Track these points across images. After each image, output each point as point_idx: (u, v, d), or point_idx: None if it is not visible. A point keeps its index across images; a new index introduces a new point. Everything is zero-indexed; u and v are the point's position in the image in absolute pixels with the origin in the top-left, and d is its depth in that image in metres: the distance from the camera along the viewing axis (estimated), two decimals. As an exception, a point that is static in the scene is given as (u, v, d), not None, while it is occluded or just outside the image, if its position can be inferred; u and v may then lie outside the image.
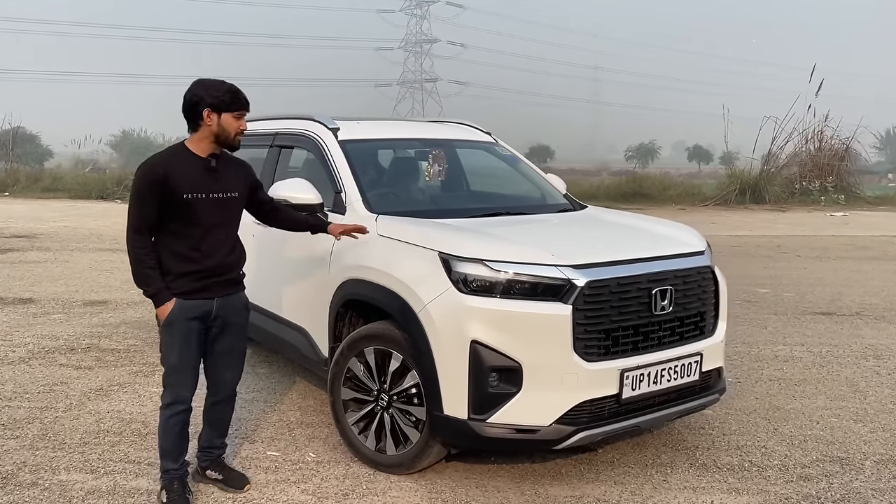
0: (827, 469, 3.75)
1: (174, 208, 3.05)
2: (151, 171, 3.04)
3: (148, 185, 3.02)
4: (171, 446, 3.24)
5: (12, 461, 3.71)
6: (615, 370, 3.30)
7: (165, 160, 3.09)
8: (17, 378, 5.00)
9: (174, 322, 3.11)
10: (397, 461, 3.57)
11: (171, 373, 3.18)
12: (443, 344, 3.26)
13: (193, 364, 3.21)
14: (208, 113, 3.08)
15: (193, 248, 3.11)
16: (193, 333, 3.16)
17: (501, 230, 3.81)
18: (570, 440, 3.25)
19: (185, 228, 3.10)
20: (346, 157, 4.24)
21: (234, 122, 3.13)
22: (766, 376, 5.24)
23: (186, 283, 3.11)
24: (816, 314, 7.23)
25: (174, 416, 3.20)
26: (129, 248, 3.07)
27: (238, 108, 3.13)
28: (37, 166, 27.56)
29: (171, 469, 3.26)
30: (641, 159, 55.04)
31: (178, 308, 3.10)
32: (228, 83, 3.16)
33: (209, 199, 3.11)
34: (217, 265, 3.18)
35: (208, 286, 3.16)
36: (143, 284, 3.10)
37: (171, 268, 3.11)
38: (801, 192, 20.06)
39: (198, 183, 3.09)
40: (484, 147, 5.19)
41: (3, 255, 10.34)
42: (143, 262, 3.06)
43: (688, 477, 3.64)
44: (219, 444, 3.50)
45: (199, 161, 3.13)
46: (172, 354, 3.16)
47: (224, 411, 3.46)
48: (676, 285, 3.53)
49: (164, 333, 3.15)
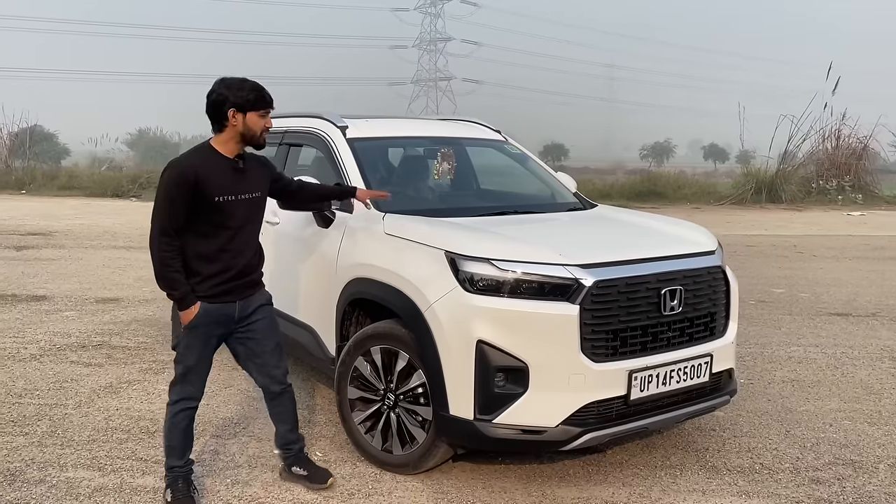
0: (839, 472, 3.69)
1: (205, 211, 3.04)
2: (183, 173, 3.00)
3: (178, 187, 2.99)
4: (177, 443, 3.24)
5: (20, 458, 3.73)
6: (623, 371, 3.26)
7: (196, 162, 3.06)
8: (27, 375, 5.03)
9: (198, 326, 3.12)
10: (403, 461, 3.55)
11: (187, 372, 3.19)
12: (449, 343, 3.24)
13: (207, 367, 3.25)
14: (233, 113, 3.07)
15: (222, 249, 3.11)
16: (214, 338, 3.19)
17: (509, 229, 3.78)
18: (578, 441, 3.22)
19: (215, 230, 3.09)
20: (354, 155, 4.23)
21: (260, 120, 3.12)
22: (779, 378, 5.18)
23: (212, 285, 3.11)
24: (832, 315, 7.13)
25: (182, 412, 3.21)
26: (155, 250, 3.02)
27: (263, 106, 3.12)
28: (53, 165, 27.76)
29: (176, 466, 3.26)
30: (656, 158, 54.75)
31: (203, 312, 3.10)
32: (252, 81, 3.15)
33: (238, 200, 3.12)
34: (245, 266, 3.19)
35: (232, 289, 3.17)
36: (168, 287, 3.08)
37: (198, 270, 3.09)
38: (818, 191, 19.83)
39: (228, 185, 3.09)
40: (494, 145, 5.16)
41: (18, 253, 10.43)
42: (169, 265, 3.03)
43: (697, 479, 3.60)
44: (294, 438, 3.50)
45: (227, 162, 3.12)
46: (191, 356, 3.17)
47: (285, 403, 3.46)
48: (686, 285, 3.48)
49: (185, 335, 3.15)
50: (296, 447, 3.51)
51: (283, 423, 3.48)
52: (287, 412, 3.48)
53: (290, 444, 3.50)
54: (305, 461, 3.52)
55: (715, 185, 22.23)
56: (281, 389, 3.42)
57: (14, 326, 6.31)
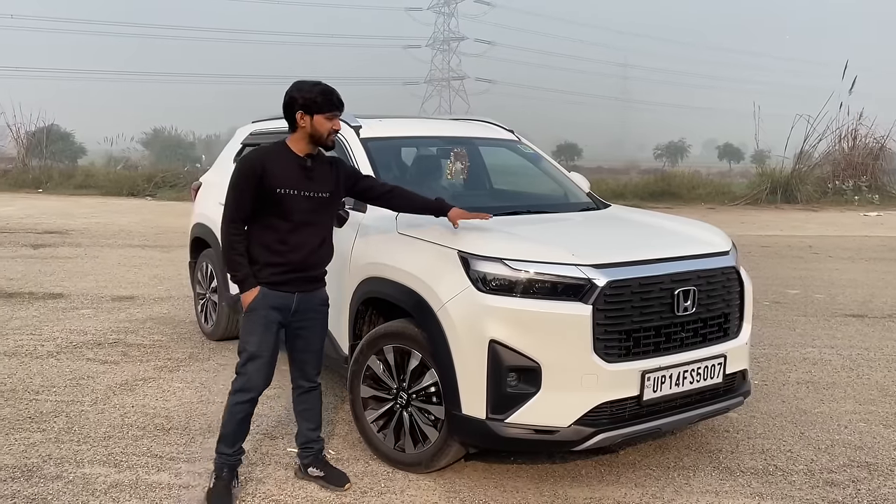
0: (854, 475, 3.67)
1: (268, 202, 3.17)
2: (250, 165, 3.19)
3: (245, 178, 3.17)
4: (230, 431, 3.28)
5: (38, 454, 3.77)
6: (636, 371, 3.26)
7: (264, 156, 3.23)
8: (44, 372, 5.09)
9: (256, 308, 3.22)
10: (416, 460, 3.56)
11: (247, 360, 3.24)
12: (461, 343, 3.24)
13: (269, 356, 3.27)
14: (301, 115, 3.19)
15: (281, 241, 3.21)
16: (274, 323, 3.25)
17: (522, 229, 3.78)
18: (590, 441, 3.22)
19: (276, 222, 3.21)
20: (367, 155, 4.24)
21: (327, 122, 3.20)
22: (793, 379, 5.14)
23: (270, 274, 3.22)
24: (847, 316, 7.08)
25: (240, 404, 3.25)
26: (223, 235, 3.23)
27: (329, 109, 3.20)
28: (70, 164, 28.02)
29: (225, 453, 3.29)
30: (671, 157, 54.50)
31: (262, 296, 3.21)
32: (323, 84, 3.23)
33: (301, 196, 3.21)
34: (301, 261, 3.25)
35: (290, 280, 3.25)
36: (231, 270, 3.23)
37: (258, 258, 3.22)
38: (834, 191, 19.67)
39: (292, 180, 3.20)
40: (507, 145, 5.16)
41: (35, 251, 10.54)
42: (234, 248, 3.20)
43: (710, 480, 3.59)
44: (315, 437, 3.53)
45: (296, 159, 3.24)
46: (252, 341, 3.24)
47: (311, 401, 3.50)
48: (700, 286, 3.47)
49: (245, 320, 3.26)
50: (315, 447, 3.53)
51: (308, 421, 3.51)
52: (313, 411, 3.51)
53: (310, 443, 3.52)
54: (323, 463, 3.54)
55: (730, 185, 22.10)
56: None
57: (31, 324, 6.38)
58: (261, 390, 3.29)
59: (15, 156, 25.17)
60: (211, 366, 5.30)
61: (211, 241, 5.71)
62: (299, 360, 3.44)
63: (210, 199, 5.83)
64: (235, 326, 5.75)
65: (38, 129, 25.33)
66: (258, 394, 3.29)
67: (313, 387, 3.49)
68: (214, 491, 3.25)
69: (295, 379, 3.48)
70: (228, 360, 5.40)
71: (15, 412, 4.34)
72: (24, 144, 24.77)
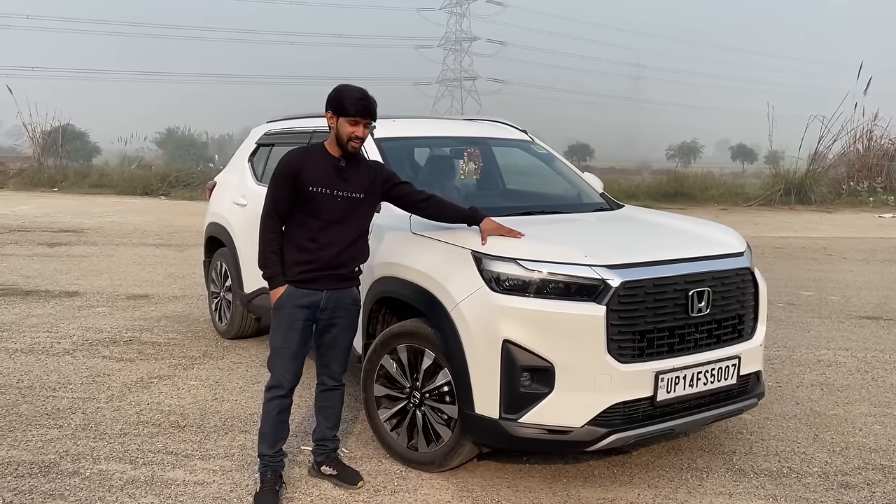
0: (869, 477, 3.65)
1: (301, 199, 3.25)
2: (288, 163, 3.28)
3: (283, 175, 3.26)
4: (268, 430, 3.33)
5: (55, 450, 3.81)
6: (650, 372, 3.26)
7: (302, 154, 3.32)
8: (61, 369, 5.14)
9: (283, 306, 3.27)
10: (429, 459, 3.58)
11: (275, 356, 3.31)
12: (475, 343, 3.25)
13: (295, 351, 3.30)
14: (330, 115, 3.28)
15: (311, 239, 3.27)
16: (299, 321, 3.28)
17: (535, 229, 3.77)
18: (603, 442, 3.22)
19: (308, 220, 3.27)
20: (381, 155, 4.25)
21: (349, 127, 3.24)
22: (807, 381, 5.12)
23: (299, 272, 3.27)
24: (862, 318, 7.03)
25: (272, 400, 3.31)
26: (261, 230, 3.30)
27: (352, 114, 3.23)
28: (85, 163, 28.24)
29: (266, 455, 3.33)
30: (683, 158, 54.24)
31: (289, 294, 3.26)
32: (358, 90, 3.28)
33: (333, 195, 3.27)
34: (331, 259, 3.29)
35: (319, 278, 3.29)
36: (263, 266, 3.30)
37: (289, 255, 3.29)
38: (849, 192, 19.52)
39: (325, 179, 3.26)
40: (520, 145, 5.16)
41: (51, 249, 10.64)
42: (269, 245, 3.28)
43: (724, 482, 3.58)
44: (331, 436, 3.56)
45: (331, 159, 3.31)
46: (278, 337, 3.30)
47: (332, 399, 3.53)
48: (714, 287, 3.47)
49: (273, 317, 3.32)
50: (330, 446, 3.56)
51: (327, 419, 3.54)
52: (333, 409, 3.54)
53: (325, 440, 3.54)
54: (336, 461, 3.56)
55: (743, 185, 21.98)
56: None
57: (48, 322, 6.44)
58: (289, 386, 3.32)
59: (31, 155, 25.40)
60: (225, 364, 5.33)
61: (225, 239, 5.75)
62: (326, 357, 3.47)
63: (225, 199, 5.88)
64: (249, 325, 5.79)
65: (53, 128, 25.57)
66: (288, 390, 3.33)
67: (337, 385, 3.52)
68: (260, 495, 3.27)
69: (320, 375, 3.52)
70: (242, 359, 5.44)
71: (32, 409, 4.39)
72: (40, 144, 25.00)
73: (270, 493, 3.26)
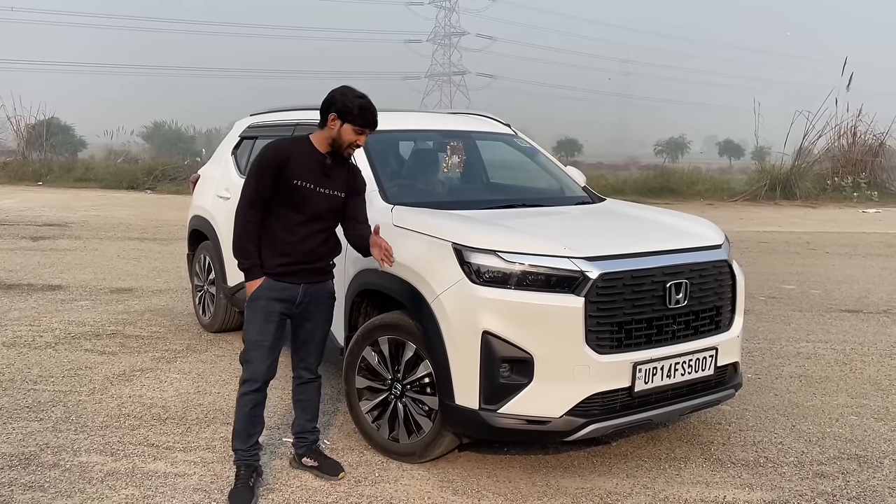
0: (844, 467, 3.70)
1: (284, 192, 3.21)
2: (274, 152, 3.24)
3: (268, 164, 3.20)
4: (241, 426, 3.30)
5: (35, 442, 3.81)
6: (628, 363, 3.29)
7: (289, 146, 3.30)
8: (42, 362, 5.12)
9: (259, 298, 3.24)
10: (410, 450, 3.60)
11: (249, 349, 3.27)
12: (455, 334, 3.28)
13: (270, 345, 3.27)
14: (334, 117, 3.24)
15: (290, 232, 3.25)
16: (276, 314, 3.26)
17: (517, 222, 3.81)
18: (581, 432, 3.25)
19: (288, 213, 3.24)
20: (364, 148, 4.24)
21: (353, 135, 3.25)
22: (786, 373, 5.18)
23: (276, 265, 3.24)
24: (842, 311, 7.11)
25: (246, 395, 3.28)
26: (239, 218, 3.23)
27: (362, 124, 3.24)
28: (70, 157, 28.05)
29: (240, 449, 3.31)
30: (671, 154, 54.53)
31: (265, 286, 3.23)
32: (367, 99, 3.28)
33: (316, 191, 3.25)
34: (309, 253, 3.29)
35: (296, 272, 3.27)
36: (240, 256, 3.24)
37: (267, 247, 3.26)
38: (833, 187, 19.69)
39: (310, 174, 3.24)
40: (503, 139, 5.19)
41: (35, 243, 10.57)
42: (247, 235, 3.23)
43: (701, 472, 3.62)
44: (311, 428, 3.56)
45: (318, 155, 3.28)
46: (252, 330, 3.27)
47: (310, 392, 3.53)
48: (692, 279, 3.50)
49: (248, 309, 3.28)
50: (310, 438, 3.56)
51: (305, 412, 3.54)
52: (311, 402, 3.54)
53: (305, 433, 3.55)
54: (317, 453, 3.57)
55: (729, 181, 22.15)
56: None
57: (30, 315, 6.41)
58: (264, 380, 3.29)
59: (15, 148, 25.20)
60: (208, 357, 5.33)
61: (209, 233, 5.74)
62: (302, 351, 3.47)
63: (208, 192, 5.87)
64: (233, 318, 5.78)
65: (38, 121, 25.36)
66: (262, 384, 3.29)
67: (313, 378, 3.52)
68: (235, 491, 3.25)
69: (296, 369, 3.52)
70: (225, 352, 5.43)
71: (13, 401, 4.37)
72: (25, 137, 24.79)
73: (244, 489, 3.24)
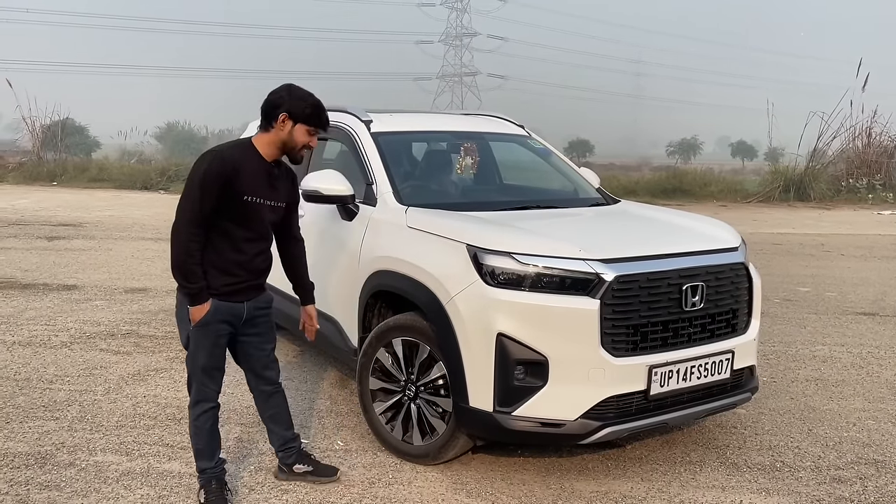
0: (862, 472, 3.67)
1: (231, 207, 2.98)
2: (220, 164, 2.94)
3: (214, 177, 2.92)
4: (204, 445, 3.19)
5: (51, 442, 3.83)
6: (643, 366, 3.27)
7: (235, 156, 3.01)
8: (58, 362, 5.15)
9: (209, 323, 3.05)
10: (423, 451, 3.59)
11: (200, 373, 3.12)
12: (469, 336, 3.27)
13: (221, 364, 3.18)
14: (284, 118, 3.05)
15: (237, 249, 3.06)
16: (224, 336, 3.13)
17: (531, 223, 3.79)
18: (597, 435, 3.24)
19: (233, 229, 3.03)
20: (377, 149, 4.27)
21: (305, 136, 3.09)
22: (802, 376, 5.14)
23: (223, 285, 3.05)
24: (858, 314, 7.05)
25: (203, 414, 3.16)
26: (180, 239, 2.94)
27: (315, 123, 3.09)
28: (84, 157, 28.22)
29: (208, 468, 3.22)
30: (683, 154, 54.28)
31: (214, 309, 3.04)
32: (316, 98, 3.13)
33: (265, 205, 3.08)
34: (254, 271, 3.15)
35: (244, 289, 3.12)
36: (184, 280, 2.97)
37: (212, 267, 3.03)
38: (848, 189, 19.53)
39: (259, 187, 3.04)
40: (517, 140, 5.17)
41: (50, 243, 10.64)
42: (191, 255, 2.95)
43: (717, 476, 3.59)
44: (291, 436, 3.47)
45: (264, 165, 3.08)
46: (202, 355, 3.10)
47: (277, 403, 3.41)
48: (708, 281, 3.48)
49: (195, 333, 3.07)
50: (296, 445, 3.48)
51: (279, 424, 3.44)
52: (281, 412, 3.43)
53: (288, 442, 3.46)
54: (307, 457, 3.49)
55: (742, 182, 21.98)
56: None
57: (46, 315, 6.45)
58: (217, 398, 3.19)
59: (30, 149, 25.37)
60: (222, 357, 5.34)
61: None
62: (258, 367, 3.31)
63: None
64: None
65: (53, 122, 25.53)
66: (216, 402, 3.19)
67: (277, 389, 3.39)
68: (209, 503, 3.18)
69: (257, 386, 3.37)
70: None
71: (29, 401, 4.40)
72: (40, 138, 24.96)
73: (220, 500, 3.19)
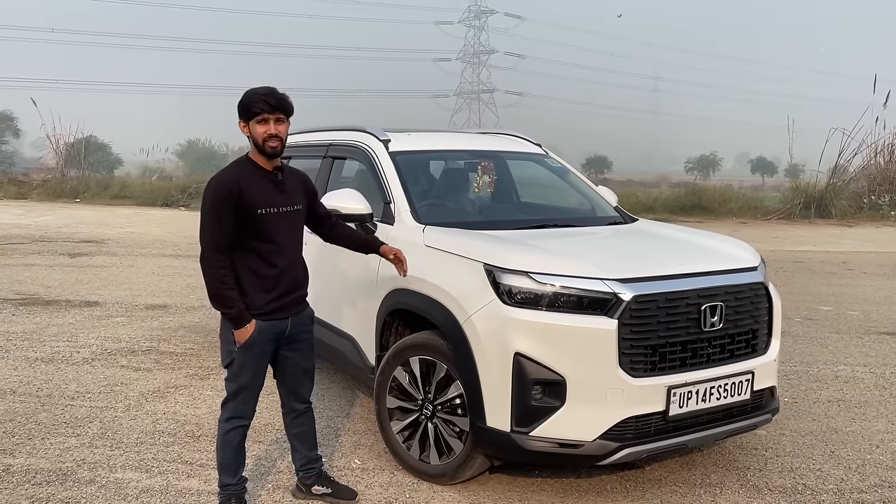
0: (885, 495, 3.60)
1: (249, 224, 2.99)
2: (225, 185, 2.96)
3: (223, 199, 2.94)
4: (229, 460, 3.19)
5: (72, 458, 3.87)
6: (662, 386, 3.25)
7: (236, 174, 3.02)
8: (80, 378, 5.21)
9: (255, 344, 3.05)
10: (441, 471, 3.59)
11: (240, 391, 3.12)
12: (486, 355, 3.27)
13: (261, 384, 3.19)
14: (241, 125, 3.04)
15: (269, 264, 3.06)
16: (268, 355, 3.15)
17: (548, 242, 3.79)
18: (615, 456, 3.21)
19: (258, 245, 3.03)
20: (395, 168, 4.30)
21: (259, 127, 3.00)
22: (824, 397, 5.07)
23: (265, 302, 3.06)
24: (881, 334, 6.95)
25: (234, 430, 3.16)
26: (208, 267, 2.97)
27: (257, 111, 2.98)
28: (107, 174, 28.67)
29: (230, 484, 3.21)
30: (702, 171, 53.91)
31: (259, 330, 3.04)
32: (262, 88, 3.03)
33: (280, 212, 3.06)
34: (293, 281, 3.16)
35: (285, 305, 3.13)
36: (223, 307, 2.99)
37: (250, 287, 3.04)
38: (870, 206, 19.32)
39: (268, 197, 3.04)
40: (534, 158, 5.19)
41: (72, 260, 10.78)
42: (223, 282, 2.96)
43: (737, 498, 3.55)
44: (315, 457, 3.47)
45: (267, 174, 3.08)
46: (245, 375, 3.10)
47: (307, 423, 3.42)
48: (727, 301, 3.45)
49: (240, 354, 3.06)
50: (317, 466, 3.49)
51: (305, 443, 3.44)
52: (309, 432, 3.44)
53: (311, 463, 3.47)
54: (327, 479, 3.50)
55: (762, 199, 21.84)
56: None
57: (68, 331, 6.53)
58: (252, 415, 3.22)
59: (54, 166, 25.81)
60: (240, 374, 5.37)
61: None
62: (292, 384, 3.32)
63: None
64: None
65: (76, 140, 26.01)
66: (251, 419, 3.21)
67: (307, 408, 3.40)
68: None
69: (288, 402, 3.37)
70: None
71: (51, 417, 4.45)
72: (63, 155, 25.42)
73: None
